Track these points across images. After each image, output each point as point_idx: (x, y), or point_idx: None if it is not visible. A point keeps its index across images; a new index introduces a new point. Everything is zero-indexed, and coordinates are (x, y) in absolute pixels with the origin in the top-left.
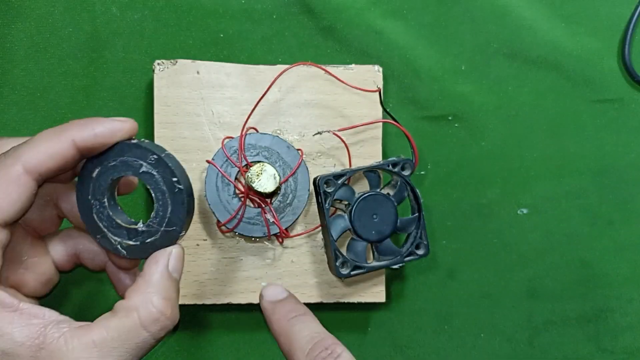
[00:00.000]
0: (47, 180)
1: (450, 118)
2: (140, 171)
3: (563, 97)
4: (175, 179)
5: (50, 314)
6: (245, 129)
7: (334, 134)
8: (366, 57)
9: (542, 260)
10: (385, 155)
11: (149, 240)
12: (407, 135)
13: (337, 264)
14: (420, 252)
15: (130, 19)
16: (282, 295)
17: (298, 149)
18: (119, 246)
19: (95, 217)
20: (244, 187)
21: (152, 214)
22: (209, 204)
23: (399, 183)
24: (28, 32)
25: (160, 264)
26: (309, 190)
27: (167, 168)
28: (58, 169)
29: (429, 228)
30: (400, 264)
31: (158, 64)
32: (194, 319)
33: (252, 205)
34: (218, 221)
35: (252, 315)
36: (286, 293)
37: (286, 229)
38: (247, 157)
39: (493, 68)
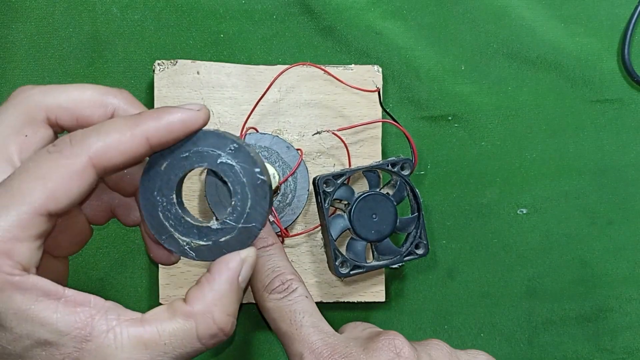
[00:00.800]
0: (108, 175)
1: (450, 118)
2: (218, 162)
3: (563, 97)
4: (257, 169)
5: (96, 301)
6: (245, 129)
7: (333, 133)
8: (366, 58)
9: (541, 260)
10: (385, 155)
11: (223, 239)
12: (407, 135)
13: (337, 263)
14: (420, 251)
15: (130, 19)
16: (265, 237)
17: (298, 149)
18: (187, 247)
19: (161, 215)
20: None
21: (229, 209)
22: (209, 204)
23: (398, 183)
24: (28, 32)
25: (232, 271)
26: (308, 190)
27: (249, 157)
28: (125, 165)
29: (428, 228)
30: (400, 264)
31: (158, 64)
32: None
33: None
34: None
35: (252, 314)
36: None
37: (286, 229)
38: None
39: (493, 68)
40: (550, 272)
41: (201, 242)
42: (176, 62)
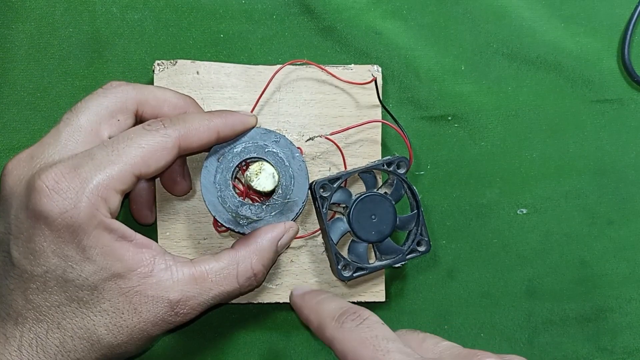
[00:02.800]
0: (185, 154)
1: (449, 118)
2: (266, 151)
3: (562, 97)
4: (297, 154)
5: (157, 246)
6: None
7: (327, 138)
8: (366, 58)
9: (541, 260)
10: (385, 154)
11: (272, 214)
12: (400, 132)
13: (339, 267)
14: (422, 248)
15: (130, 19)
16: (308, 288)
17: (297, 147)
18: (242, 221)
19: (219, 196)
20: (243, 186)
21: (278, 190)
22: (206, 204)
23: (395, 182)
24: (28, 32)
25: (275, 233)
26: (308, 189)
27: (289, 145)
28: (199, 149)
29: (428, 228)
30: (403, 262)
31: (158, 64)
32: (194, 318)
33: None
34: (215, 221)
35: (252, 314)
36: (312, 287)
37: None
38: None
39: (493, 68)
40: (550, 272)
41: (254, 217)
42: (176, 62)
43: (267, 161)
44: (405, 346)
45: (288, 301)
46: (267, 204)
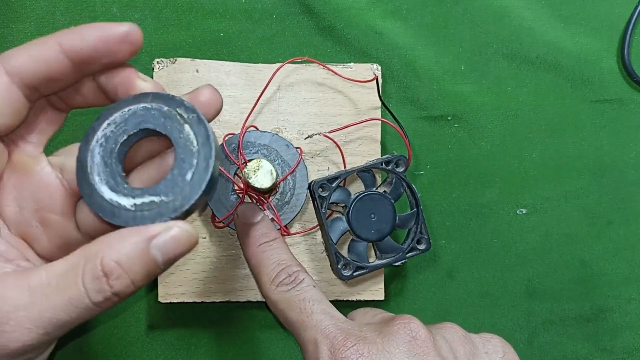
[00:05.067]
0: (40, 91)
1: (449, 118)
2: (178, 121)
3: (562, 97)
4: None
5: (8, 251)
6: (244, 127)
7: (325, 136)
8: (366, 57)
9: (541, 260)
10: (385, 153)
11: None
12: (399, 130)
13: (339, 266)
14: (422, 246)
15: (130, 18)
16: (256, 218)
17: (297, 147)
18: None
19: (95, 169)
20: (243, 184)
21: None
22: (208, 201)
23: (394, 180)
24: (28, 32)
25: (149, 230)
26: (307, 188)
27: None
28: (48, 77)
29: (428, 228)
30: (403, 261)
31: (157, 62)
32: (193, 317)
33: (250, 202)
34: (213, 216)
35: (251, 313)
36: (260, 215)
37: (285, 227)
38: (246, 155)
39: (492, 68)
40: (549, 272)
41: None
42: (175, 60)
43: (144, 129)
44: (331, 308)
45: None
46: (163, 180)
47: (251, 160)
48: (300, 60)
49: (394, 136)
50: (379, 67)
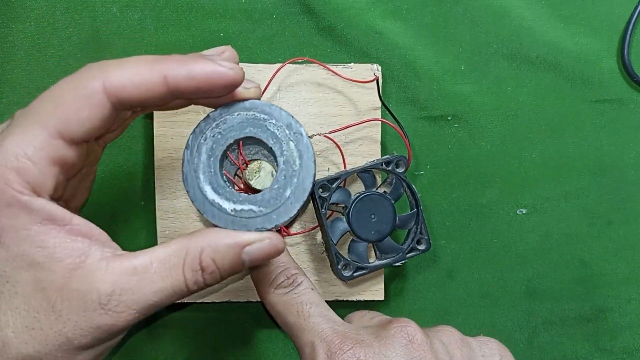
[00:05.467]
0: (130, 109)
1: (449, 118)
2: (265, 128)
3: (562, 97)
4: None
5: (100, 235)
6: None
7: (326, 136)
8: (366, 57)
9: (541, 260)
10: (385, 153)
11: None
12: (399, 130)
13: (339, 267)
14: (422, 247)
15: (130, 18)
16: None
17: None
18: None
19: (200, 173)
20: (243, 185)
21: (274, 184)
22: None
23: (394, 180)
24: (28, 32)
25: (245, 237)
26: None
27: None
28: (140, 101)
29: (428, 228)
30: (403, 261)
31: None
32: (193, 317)
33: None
34: None
35: (251, 313)
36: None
37: (286, 227)
38: (246, 155)
39: (492, 68)
40: (549, 273)
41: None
42: None
43: (250, 138)
44: (328, 311)
45: None
46: (264, 192)
47: (252, 161)
48: (300, 60)
49: (394, 136)
50: (379, 67)
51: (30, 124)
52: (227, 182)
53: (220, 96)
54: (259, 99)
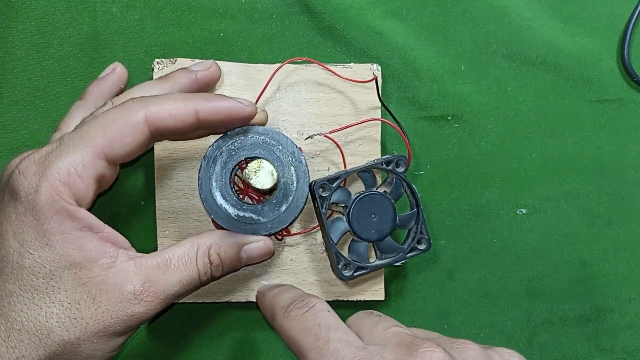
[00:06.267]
0: (164, 138)
1: (449, 118)
2: (271, 150)
3: (562, 97)
4: (298, 154)
5: (124, 242)
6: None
7: (326, 136)
8: (366, 57)
9: (541, 260)
10: (385, 153)
11: (269, 217)
12: (399, 130)
13: (340, 267)
14: (422, 246)
15: (130, 18)
16: (271, 285)
17: (298, 147)
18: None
19: (214, 184)
20: (243, 184)
21: (278, 193)
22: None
23: (394, 180)
24: (28, 32)
25: (245, 238)
26: (307, 191)
27: (290, 144)
28: (174, 130)
29: (428, 228)
30: (403, 261)
31: (157, 63)
32: (193, 318)
33: (250, 202)
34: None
35: (251, 313)
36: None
37: (287, 227)
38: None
39: (492, 68)
40: (549, 272)
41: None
42: (175, 60)
43: (266, 159)
44: (347, 334)
45: None
46: (264, 205)
47: (252, 160)
48: (299, 60)
49: (394, 136)
50: (379, 67)
51: (81, 145)
52: (234, 192)
53: (238, 127)
54: (264, 123)
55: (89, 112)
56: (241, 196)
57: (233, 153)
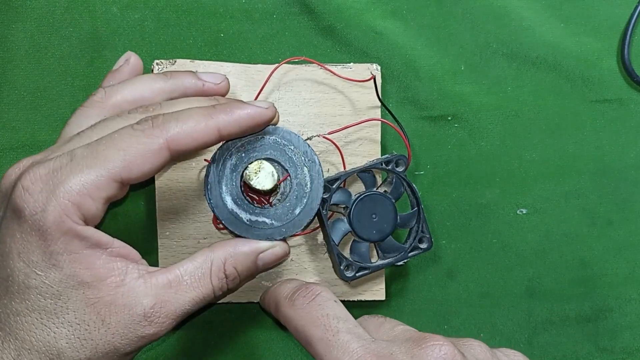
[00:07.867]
0: (180, 159)
1: (449, 118)
2: (284, 152)
3: (562, 97)
4: (316, 159)
5: (135, 255)
6: None
7: (325, 137)
8: (366, 57)
9: (541, 260)
10: (384, 153)
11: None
12: (398, 130)
13: (342, 267)
14: (424, 245)
15: (130, 18)
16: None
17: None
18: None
19: (224, 193)
20: (243, 185)
21: (286, 198)
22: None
23: (394, 180)
24: (28, 32)
25: (260, 245)
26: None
27: (309, 151)
28: (195, 150)
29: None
30: (405, 260)
31: (157, 63)
32: (193, 318)
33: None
34: (214, 217)
35: (252, 314)
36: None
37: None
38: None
39: (492, 68)
40: (550, 272)
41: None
42: (175, 61)
43: (277, 161)
44: (357, 327)
45: None
46: (277, 208)
47: (253, 161)
48: (297, 60)
49: (393, 136)
50: (379, 67)
51: (97, 166)
52: (244, 195)
53: (258, 131)
54: (276, 122)
55: (101, 117)
56: (254, 201)
57: (243, 155)
